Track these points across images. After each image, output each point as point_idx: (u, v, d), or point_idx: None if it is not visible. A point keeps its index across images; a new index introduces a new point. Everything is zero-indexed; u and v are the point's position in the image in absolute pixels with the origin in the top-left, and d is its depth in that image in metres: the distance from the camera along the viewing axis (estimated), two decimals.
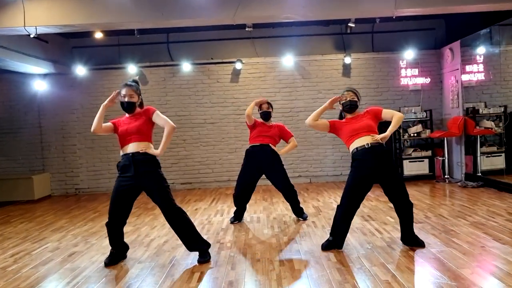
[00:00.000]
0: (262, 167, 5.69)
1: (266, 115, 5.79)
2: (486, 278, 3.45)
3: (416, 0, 5.81)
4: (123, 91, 4.18)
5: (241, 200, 5.80)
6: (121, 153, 4.30)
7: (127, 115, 4.30)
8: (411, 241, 4.37)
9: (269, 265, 4.00)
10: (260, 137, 5.69)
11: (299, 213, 5.84)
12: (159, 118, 4.19)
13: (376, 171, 4.25)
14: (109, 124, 4.32)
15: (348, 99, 4.50)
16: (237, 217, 5.87)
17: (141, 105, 4.30)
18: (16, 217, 6.99)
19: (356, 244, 4.52)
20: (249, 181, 5.73)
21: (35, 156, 9.23)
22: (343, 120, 4.58)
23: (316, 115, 4.56)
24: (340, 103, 4.57)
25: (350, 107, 4.50)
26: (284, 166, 8.87)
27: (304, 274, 3.75)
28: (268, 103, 5.86)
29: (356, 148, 4.33)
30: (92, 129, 4.28)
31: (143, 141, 4.18)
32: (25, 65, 7.77)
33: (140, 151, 4.11)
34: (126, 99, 4.18)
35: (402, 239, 4.43)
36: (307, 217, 5.84)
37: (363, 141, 4.30)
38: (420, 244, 4.33)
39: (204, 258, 4.21)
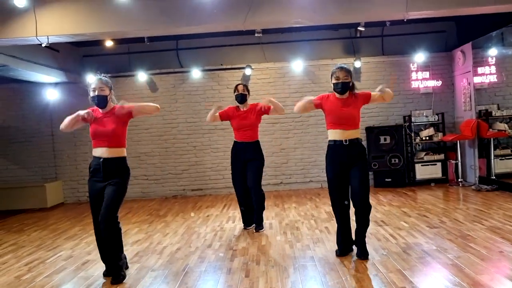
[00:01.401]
0: (245, 161, 5.60)
1: (241, 98, 5.64)
2: (506, 285, 3.38)
3: (428, 2, 5.76)
4: (92, 85, 4.07)
5: (244, 199, 5.69)
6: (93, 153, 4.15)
7: (100, 110, 4.15)
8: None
9: (284, 273, 3.97)
10: (241, 131, 5.61)
11: (258, 221, 5.66)
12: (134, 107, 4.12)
13: (348, 164, 4.23)
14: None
15: (340, 80, 4.21)
16: (247, 221, 5.78)
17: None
18: (29, 225, 7.02)
19: (370, 250, 4.45)
20: (240, 177, 5.63)
21: (48, 164, 9.29)
22: (331, 98, 4.36)
23: (303, 108, 4.53)
24: (331, 83, 4.34)
25: (342, 88, 4.24)
26: (295, 171, 8.87)
27: (319, 281, 3.71)
28: (244, 85, 5.71)
29: (334, 140, 4.25)
30: (61, 128, 4.22)
31: (116, 146, 4.09)
32: (37, 74, 7.83)
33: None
34: (96, 92, 4.03)
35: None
36: (263, 229, 5.65)
37: (342, 136, 4.22)
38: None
39: (116, 280, 3.97)
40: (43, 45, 6.14)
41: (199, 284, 3.84)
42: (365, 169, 4.29)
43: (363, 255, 4.23)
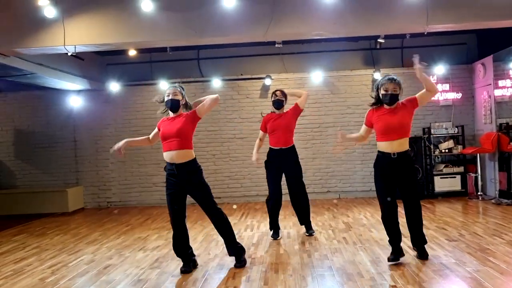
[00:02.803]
0: (281, 168, 5.74)
1: (278, 104, 5.76)
2: None
3: (448, 16, 5.79)
4: (168, 91, 4.41)
5: (274, 204, 5.76)
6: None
7: (171, 114, 4.47)
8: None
9: (302, 282, 4.01)
10: (275, 136, 5.70)
11: (309, 225, 5.88)
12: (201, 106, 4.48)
13: (395, 178, 4.36)
14: (155, 131, 4.62)
15: (389, 92, 4.26)
16: (274, 227, 5.79)
17: (186, 106, 4.51)
18: (52, 229, 7.19)
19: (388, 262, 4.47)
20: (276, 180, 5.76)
21: (70, 169, 9.50)
22: (379, 110, 4.41)
23: (360, 140, 4.79)
24: (379, 94, 4.35)
25: (391, 100, 4.30)
26: (313, 181, 8.89)
27: None
28: (281, 91, 5.82)
29: (383, 152, 4.36)
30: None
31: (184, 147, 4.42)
32: (61, 82, 8.07)
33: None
34: (171, 97, 4.36)
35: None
36: (313, 233, 5.86)
37: (390, 147, 4.30)
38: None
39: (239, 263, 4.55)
40: (69, 54, 6.34)
41: None
42: (414, 184, 4.46)
43: (423, 256, 4.48)
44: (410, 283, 3.82)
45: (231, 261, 4.80)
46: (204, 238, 6.01)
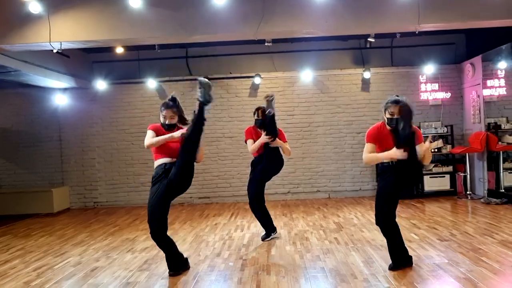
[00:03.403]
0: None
1: (260, 124, 5.58)
2: None
3: (440, 15, 5.77)
4: (163, 113, 4.34)
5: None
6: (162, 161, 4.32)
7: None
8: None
9: (295, 284, 3.94)
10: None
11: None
12: None
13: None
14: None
15: (395, 116, 4.03)
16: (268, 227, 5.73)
17: (181, 119, 4.46)
18: (36, 230, 7.02)
19: (381, 262, 4.43)
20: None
21: (55, 169, 9.30)
22: (383, 129, 4.19)
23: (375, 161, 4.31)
24: (384, 117, 4.16)
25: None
26: (303, 180, 8.89)
27: None
28: (263, 111, 5.57)
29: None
30: (147, 146, 4.34)
31: None
32: (47, 80, 7.88)
33: None
34: (167, 121, 4.33)
35: None
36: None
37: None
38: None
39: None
40: (54, 51, 6.18)
41: None
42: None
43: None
44: (404, 284, 3.78)
45: (221, 262, 4.73)
46: (193, 239, 5.91)
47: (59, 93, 9.07)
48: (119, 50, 8.60)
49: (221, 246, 5.47)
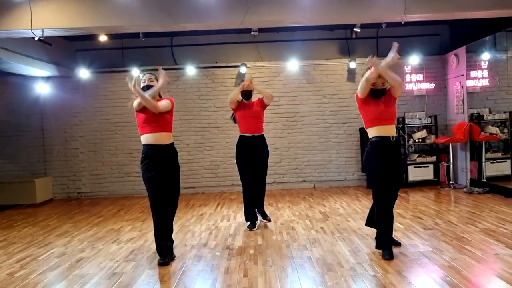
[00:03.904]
0: (254, 155, 5.78)
1: (248, 95, 5.82)
2: (502, 287, 3.41)
3: (426, 5, 5.79)
4: (144, 78, 4.59)
5: (252, 192, 5.78)
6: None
7: None
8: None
9: (282, 273, 3.95)
10: (247, 122, 5.75)
11: (264, 213, 6.05)
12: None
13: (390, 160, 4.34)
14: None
15: (378, 86, 4.35)
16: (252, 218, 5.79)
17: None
18: (19, 221, 6.91)
19: (368, 251, 4.48)
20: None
21: (37, 159, 9.15)
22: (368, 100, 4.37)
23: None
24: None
25: (379, 94, 4.37)
26: (288, 170, 8.94)
27: (318, 281, 3.71)
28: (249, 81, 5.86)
29: (381, 136, 4.30)
30: (135, 107, 4.47)
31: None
32: (28, 68, 7.70)
33: None
34: (146, 83, 4.54)
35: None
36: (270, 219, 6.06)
37: (389, 131, 4.32)
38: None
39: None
40: (36, 38, 6.04)
41: (198, 283, 3.81)
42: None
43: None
44: (389, 272, 3.83)
45: (208, 252, 4.73)
46: (179, 229, 5.88)
47: (41, 81, 8.89)
48: (103, 38, 8.42)
49: (207, 236, 5.46)
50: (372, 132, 4.38)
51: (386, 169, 4.30)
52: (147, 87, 4.49)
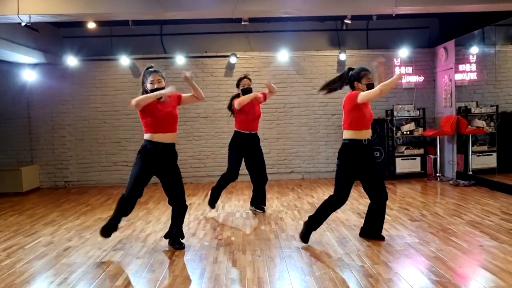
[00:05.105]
0: (251, 150, 5.96)
1: (249, 92, 5.83)
2: (487, 277, 3.47)
3: None
4: (150, 78, 4.30)
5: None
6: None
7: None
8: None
9: (270, 263, 3.97)
10: (250, 123, 5.88)
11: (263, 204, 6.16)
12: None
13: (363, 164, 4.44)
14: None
15: (371, 81, 4.56)
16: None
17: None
18: (5, 210, 6.83)
19: (355, 242, 4.52)
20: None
21: (24, 147, 9.03)
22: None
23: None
24: (358, 86, 4.54)
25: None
26: (277, 161, 8.98)
27: (306, 271, 3.73)
28: (249, 79, 5.92)
29: (364, 139, 4.43)
30: (134, 104, 4.31)
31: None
32: (14, 54, 7.57)
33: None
34: (156, 86, 4.30)
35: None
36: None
37: (367, 135, 4.44)
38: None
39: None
40: (22, 24, 5.94)
41: (187, 273, 3.82)
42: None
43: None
44: (376, 263, 3.87)
45: (197, 242, 4.73)
46: (168, 219, 5.84)
47: (27, 68, 8.75)
48: (91, 25, 8.30)
49: (196, 226, 5.46)
50: (351, 134, 4.46)
51: (355, 173, 4.38)
52: (155, 90, 4.31)
